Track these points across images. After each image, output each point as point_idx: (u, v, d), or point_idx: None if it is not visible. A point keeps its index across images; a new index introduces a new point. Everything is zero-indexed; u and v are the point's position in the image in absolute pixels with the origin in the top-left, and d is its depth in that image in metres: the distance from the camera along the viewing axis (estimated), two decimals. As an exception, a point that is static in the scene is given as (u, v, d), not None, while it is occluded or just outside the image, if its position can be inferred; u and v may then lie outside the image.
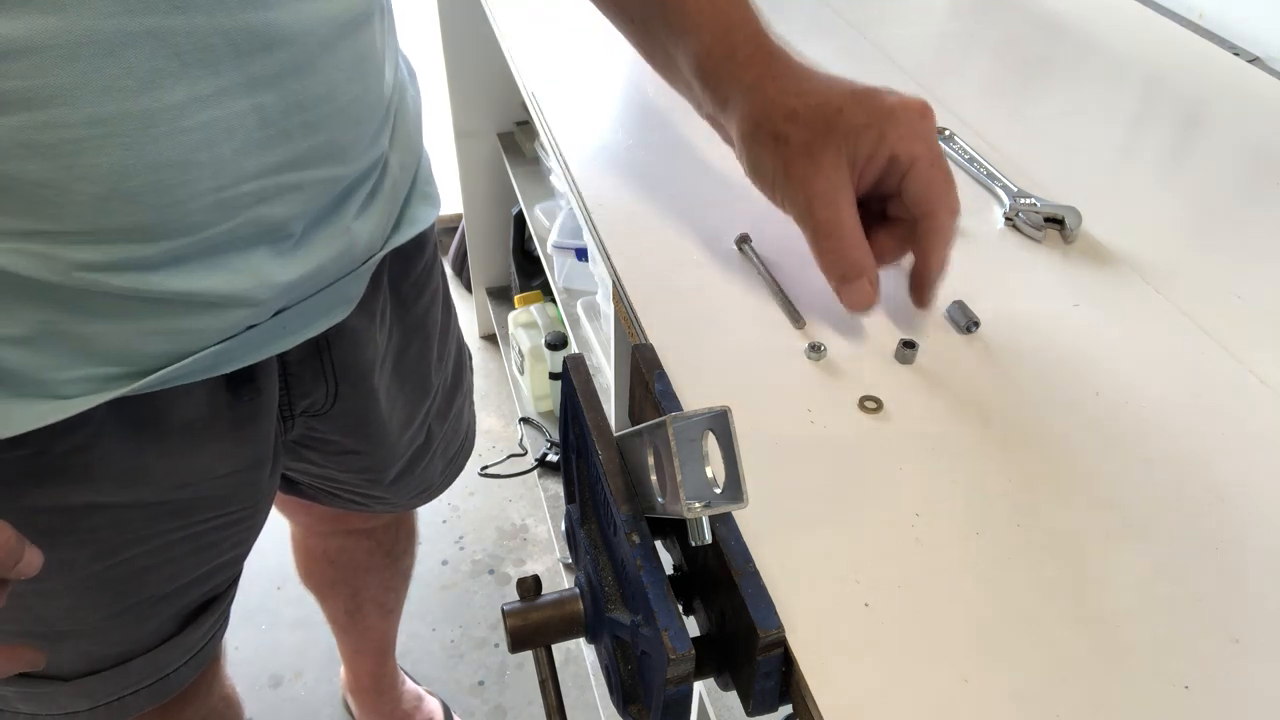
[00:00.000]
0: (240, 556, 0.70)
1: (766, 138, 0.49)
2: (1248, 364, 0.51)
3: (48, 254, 0.43)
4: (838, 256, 0.48)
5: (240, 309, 0.51)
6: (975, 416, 0.47)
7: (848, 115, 0.47)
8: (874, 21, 0.89)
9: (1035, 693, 0.35)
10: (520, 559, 1.59)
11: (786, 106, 0.48)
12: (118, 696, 0.67)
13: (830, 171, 0.47)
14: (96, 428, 0.53)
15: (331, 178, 0.51)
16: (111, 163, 0.41)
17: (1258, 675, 0.36)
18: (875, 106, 0.47)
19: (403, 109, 0.60)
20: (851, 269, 0.48)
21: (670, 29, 0.53)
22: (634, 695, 0.43)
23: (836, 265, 0.49)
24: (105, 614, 0.62)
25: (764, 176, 0.51)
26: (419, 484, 0.85)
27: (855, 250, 0.48)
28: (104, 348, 0.48)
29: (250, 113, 0.45)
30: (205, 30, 0.41)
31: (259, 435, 0.62)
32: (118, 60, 0.40)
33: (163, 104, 0.41)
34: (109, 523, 0.58)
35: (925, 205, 0.48)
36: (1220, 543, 0.41)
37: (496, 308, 1.94)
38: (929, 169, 0.48)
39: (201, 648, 0.71)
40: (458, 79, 1.65)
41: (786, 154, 0.48)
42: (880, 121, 0.47)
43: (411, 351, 0.74)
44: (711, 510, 0.34)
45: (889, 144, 0.47)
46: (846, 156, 0.47)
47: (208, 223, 0.46)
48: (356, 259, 0.57)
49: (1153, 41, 0.87)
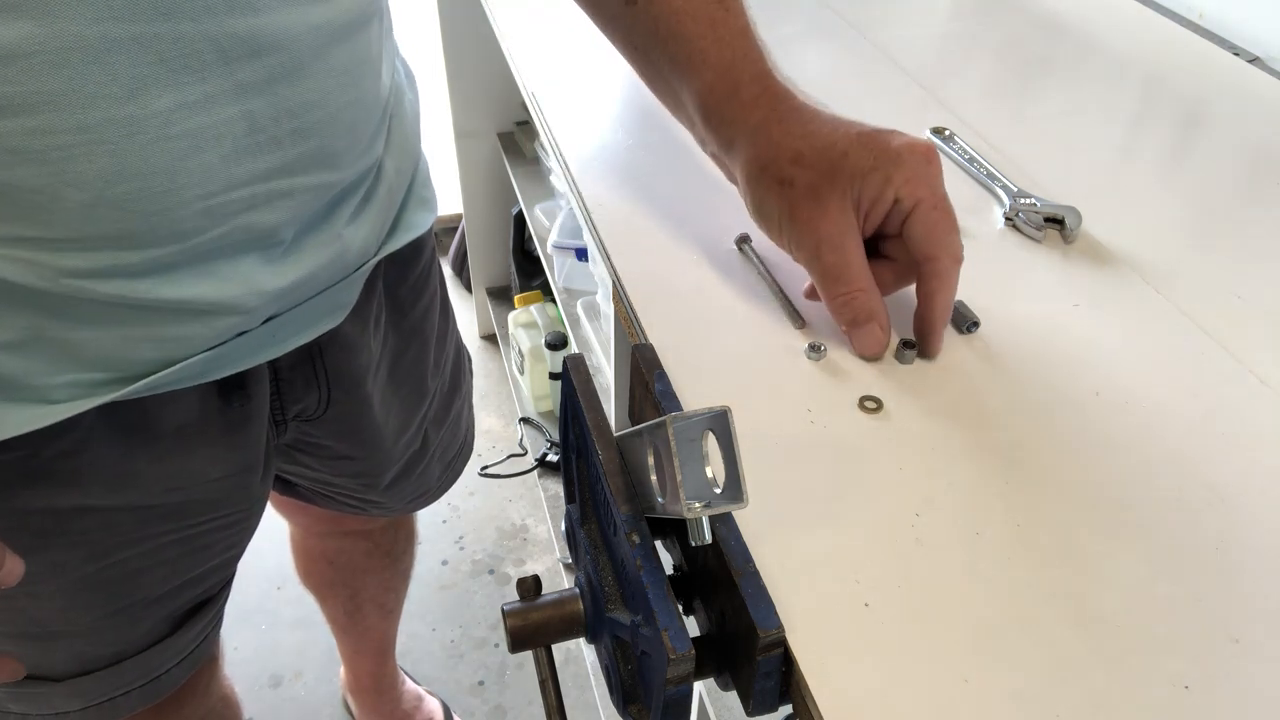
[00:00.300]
0: (233, 559, 0.70)
1: (771, 181, 0.49)
2: (1248, 364, 0.51)
3: (35, 260, 0.43)
4: (847, 301, 0.48)
5: (229, 316, 0.50)
6: (975, 416, 0.47)
7: (853, 158, 0.47)
8: (875, 22, 0.89)
9: (1035, 693, 0.35)
10: (520, 559, 1.59)
11: (792, 149, 0.49)
12: (109, 697, 0.67)
13: (837, 215, 0.48)
14: (85, 432, 0.53)
15: (323, 184, 0.51)
16: (98, 170, 0.41)
17: (1258, 675, 0.36)
18: (881, 149, 0.47)
19: (399, 113, 0.60)
20: (862, 313, 0.48)
21: (674, 63, 0.53)
22: (634, 695, 0.43)
23: (846, 310, 0.49)
24: (98, 615, 0.62)
25: (769, 219, 0.51)
26: (415, 488, 0.85)
27: (865, 295, 0.48)
28: (92, 354, 0.48)
29: (239, 119, 0.44)
30: (192, 36, 0.41)
31: (250, 440, 0.62)
32: (104, 67, 0.39)
33: (149, 111, 0.41)
34: (100, 525, 0.58)
35: (927, 250, 0.48)
36: (1220, 543, 0.41)
37: (496, 308, 1.94)
38: (931, 212, 0.48)
39: (194, 649, 0.71)
40: (458, 79, 1.65)
41: (792, 197, 0.48)
42: (886, 165, 0.47)
43: (407, 357, 0.74)
44: (711, 510, 0.34)
45: (894, 187, 0.47)
46: (852, 199, 0.48)
47: (196, 230, 0.46)
48: (349, 266, 0.57)
49: (1153, 41, 0.87)
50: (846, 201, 0.48)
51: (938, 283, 0.49)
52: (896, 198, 0.47)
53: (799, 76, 0.53)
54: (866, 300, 0.48)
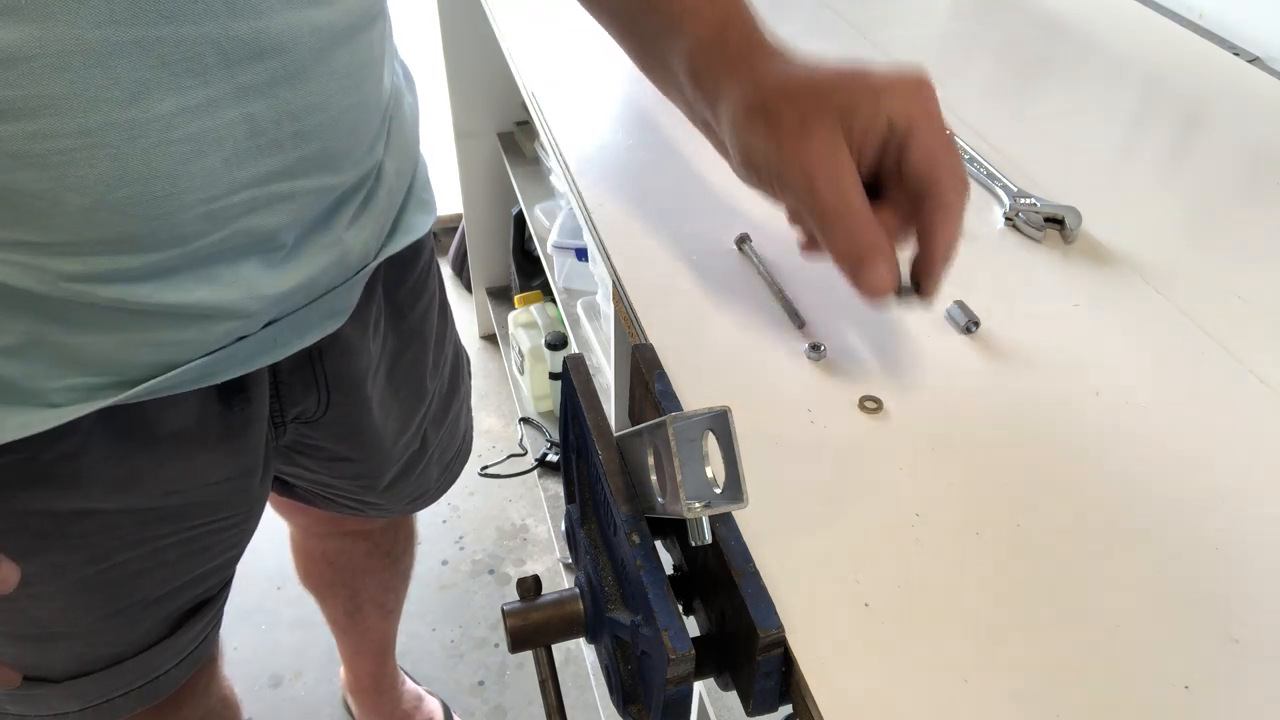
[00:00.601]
0: (233, 560, 0.70)
1: (758, 121, 0.45)
2: (1248, 364, 0.51)
3: (36, 264, 0.43)
4: (850, 239, 0.43)
5: (230, 321, 0.50)
6: (975, 416, 0.47)
7: (843, 89, 0.44)
8: (875, 22, 0.89)
9: (1035, 693, 0.35)
10: (520, 559, 1.59)
11: (779, 86, 0.45)
12: (108, 698, 0.67)
13: (828, 146, 0.43)
14: (85, 436, 0.53)
15: (324, 187, 0.51)
16: (99, 174, 0.41)
17: (1258, 675, 0.36)
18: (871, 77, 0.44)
19: (399, 115, 0.60)
20: (866, 250, 0.43)
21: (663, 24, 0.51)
22: (634, 695, 0.43)
23: (850, 248, 0.43)
24: (97, 616, 0.62)
25: (756, 164, 0.46)
26: (414, 490, 0.85)
27: (868, 230, 0.43)
28: (92, 358, 0.48)
29: (240, 122, 0.44)
30: (194, 40, 0.41)
31: (250, 443, 0.62)
32: (106, 70, 0.39)
33: (151, 114, 0.41)
34: (99, 528, 0.58)
35: (928, 177, 0.43)
36: (1220, 543, 0.41)
37: (496, 308, 1.94)
38: (929, 136, 0.43)
39: (193, 650, 0.71)
40: (458, 79, 1.65)
41: (779, 132, 0.44)
42: (876, 91, 0.43)
43: (406, 359, 0.74)
44: (711, 510, 0.34)
45: (884, 110, 0.43)
46: (843, 129, 0.43)
47: (197, 234, 0.46)
48: (349, 269, 0.57)
49: (1153, 41, 0.87)
50: (837, 132, 0.43)
51: (941, 213, 0.43)
52: (890, 122, 0.43)
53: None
54: (868, 233, 0.43)
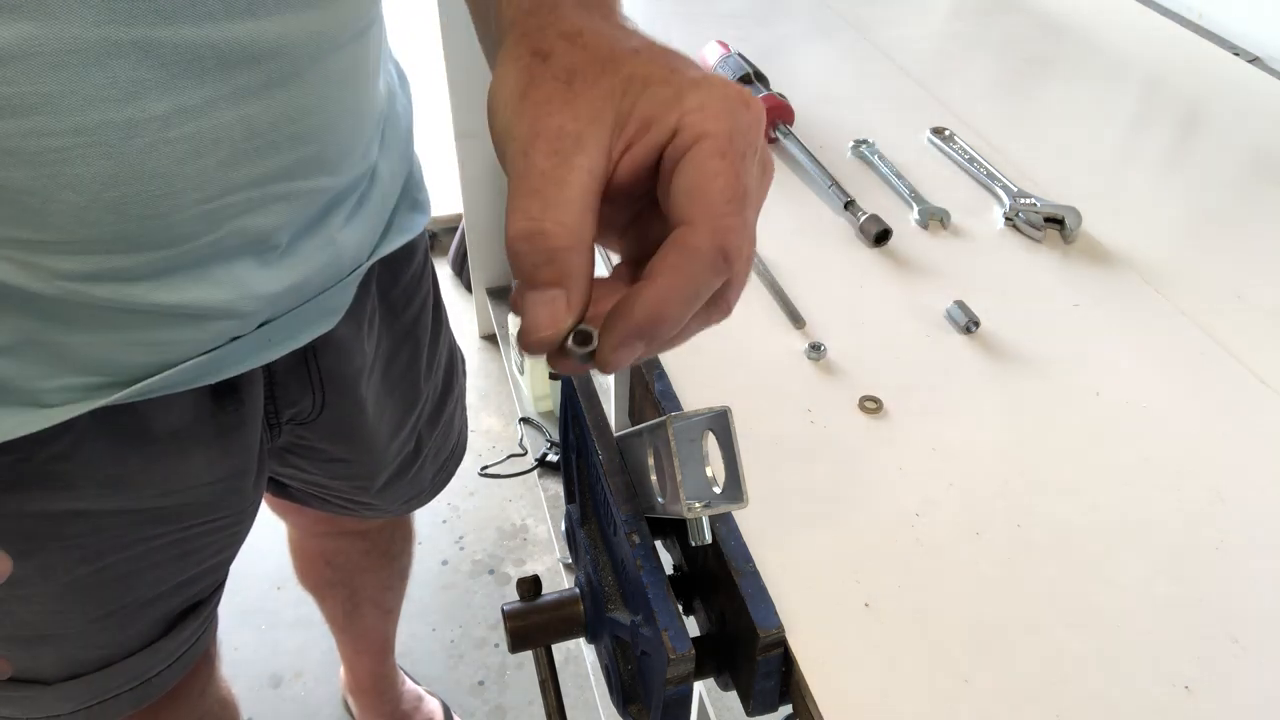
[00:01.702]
0: (226, 561, 0.70)
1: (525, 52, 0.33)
2: (1248, 364, 0.51)
3: (30, 262, 0.43)
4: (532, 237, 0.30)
5: (224, 321, 0.50)
6: (975, 416, 0.47)
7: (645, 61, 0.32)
8: (875, 22, 0.89)
9: (1035, 693, 0.35)
10: (520, 559, 1.59)
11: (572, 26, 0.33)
12: (100, 700, 0.67)
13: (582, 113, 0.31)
14: (78, 436, 0.53)
15: (319, 188, 0.51)
16: (95, 172, 0.41)
17: (1258, 675, 0.36)
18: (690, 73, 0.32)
19: (393, 117, 0.60)
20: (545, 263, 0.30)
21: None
22: (634, 695, 0.43)
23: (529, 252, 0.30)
24: (89, 618, 0.62)
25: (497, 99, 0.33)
26: (408, 491, 0.85)
27: (564, 236, 0.30)
28: (86, 357, 0.48)
29: (236, 124, 0.44)
30: (192, 41, 0.41)
31: (244, 444, 0.62)
32: (103, 70, 0.39)
33: (147, 114, 0.41)
34: (92, 529, 0.57)
35: (684, 208, 0.30)
36: (1220, 543, 0.41)
37: (496, 308, 1.94)
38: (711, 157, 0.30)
39: (185, 651, 0.71)
40: (458, 79, 1.65)
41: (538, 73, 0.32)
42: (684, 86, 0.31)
43: (400, 359, 0.74)
44: (711, 510, 0.34)
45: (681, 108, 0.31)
46: (615, 108, 0.31)
47: (192, 234, 0.46)
48: (343, 269, 0.57)
49: (1153, 41, 0.87)
50: (608, 105, 0.31)
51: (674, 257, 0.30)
52: (678, 127, 0.31)
53: (799, 76, 0.53)
54: (562, 245, 0.30)
